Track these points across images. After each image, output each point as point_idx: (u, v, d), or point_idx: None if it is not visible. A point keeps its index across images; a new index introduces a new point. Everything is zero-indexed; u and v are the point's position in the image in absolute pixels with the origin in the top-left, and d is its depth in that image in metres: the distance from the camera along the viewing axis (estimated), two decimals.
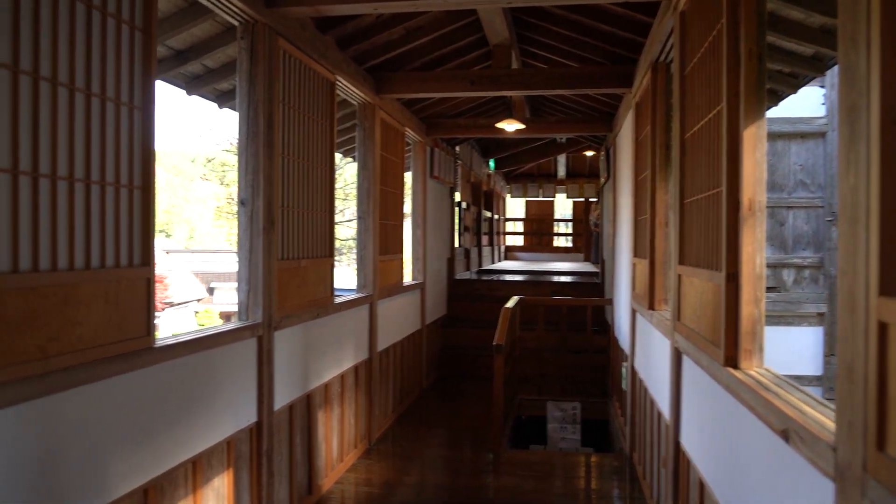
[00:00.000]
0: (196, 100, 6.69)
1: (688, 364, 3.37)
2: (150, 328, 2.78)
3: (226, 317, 32.28)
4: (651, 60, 4.55)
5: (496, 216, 16.22)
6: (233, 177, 25.63)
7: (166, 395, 2.97)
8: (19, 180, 2.15)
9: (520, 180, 17.67)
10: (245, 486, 3.73)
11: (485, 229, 14.40)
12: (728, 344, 2.56)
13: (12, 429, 2.15)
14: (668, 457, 3.79)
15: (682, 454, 3.50)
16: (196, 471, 3.23)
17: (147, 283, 2.77)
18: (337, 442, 5.24)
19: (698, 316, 3.06)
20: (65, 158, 2.35)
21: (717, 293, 2.71)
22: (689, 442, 3.36)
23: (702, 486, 3.01)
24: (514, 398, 7.88)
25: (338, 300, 5.14)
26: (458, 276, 10.53)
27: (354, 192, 20.48)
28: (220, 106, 5.25)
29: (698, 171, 3.11)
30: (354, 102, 5.94)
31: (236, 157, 3.89)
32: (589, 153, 12.96)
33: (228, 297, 34.21)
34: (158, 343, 2.87)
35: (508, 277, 11.30)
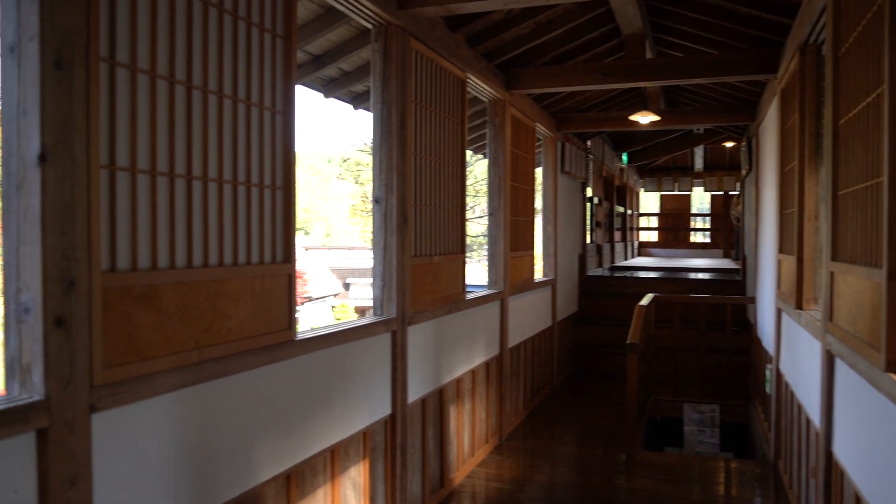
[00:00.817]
0: (332, 102, 6.93)
1: (841, 368, 3.13)
2: (291, 322, 2.91)
3: (360, 311, 33.37)
4: (799, 43, 4.27)
5: (629, 211, 15.80)
6: (367, 176, 26.45)
7: (306, 386, 3.10)
8: (175, 182, 2.31)
9: (654, 174, 17.12)
10: (380, 476, 3.83)
11: (617, 225, 14.07)
12: (890, 348, 2.36)
13: (172, 412, 2.31)
14: (817, 467, 3.54)
15: (834, 464, 3.26)
16: (334, 459, 3.35)
17: (289, 279, 2.90)
18: (468, 437, 5.28)
19: (854, 317, 2.84)
20: (214, 161, 2.50)
21: (876, 292, 2.50)
22: (842, 452, 3.13)
23: (858, 500, 2.79)
24: (648, 398, 7.64)
25: (469, 296, 5.17)
26: (589, 273, 10.35)
27: (484, 188, 20.58)
28: (356, 107, 5.42)
29: (854, 161, 2.88)
30: (484, 99, 5.96)
31: (370, 157, 3.99)
32: (728, 144, 12.36)
33: (363, 293, 35.31)
34: (299, 336, 3.00)
35: (642, 274, 10.98)
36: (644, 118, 7.58)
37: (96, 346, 2.00)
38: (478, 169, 26.48)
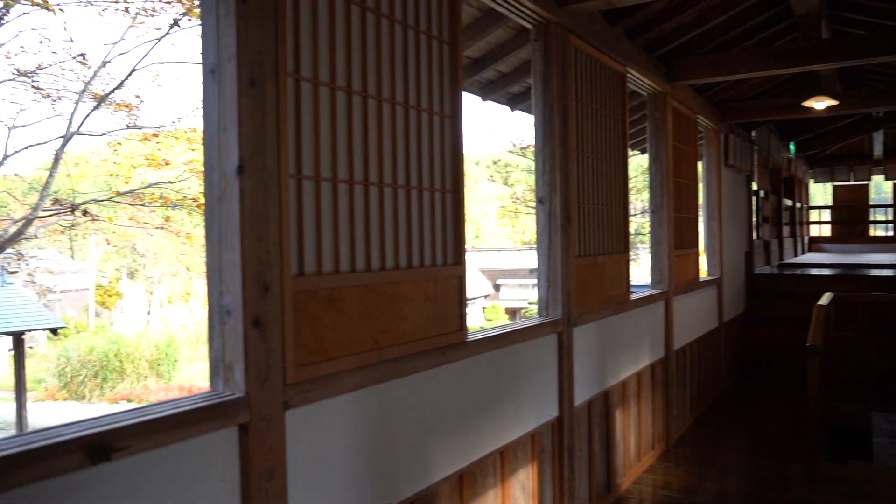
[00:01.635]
0: (487, 104, 6.96)
1: None
2: (462, 323, 2.94)
3: (511, 312, 33.44)
4: None
5: (798, 205, 14.76)
6: (517, 177, 26.52)
7: (476, 387, 3.12)
8: (354, 189, 2.39)
9: (825, 163, 15.88)
10: (548, 479, 3.79)
11: (785, 219, 13.17)
12: None
13: (354, 411, 2.40)
14: None
15: None
16: (503, 461, 3.35)
17: (459, 281, 2.94)
18: (634, 441, 5.12)
19: None
20: (388, 167, 2.57)
21: None
22: None
23: None
24: (829, 406, 7.08)
25: (633, 296, 5.02)
26: (757, 271, 9.76)
27: (638, 185, 19.95)
28: (513, 108, 5.41)
29: None
30: (643, 93, 5.76)
31: (520, 158, 3.96)
32: None
33: (513, 294, 35.34)
34: (470, 337, 3.02)
35: (814, 272, 10.20)
36: (819, 103, 7.03)
37: (288, 346, 2.11)
38: (631, 165, 25.70)
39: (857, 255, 14.83)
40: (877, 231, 17.11)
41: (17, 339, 14.91)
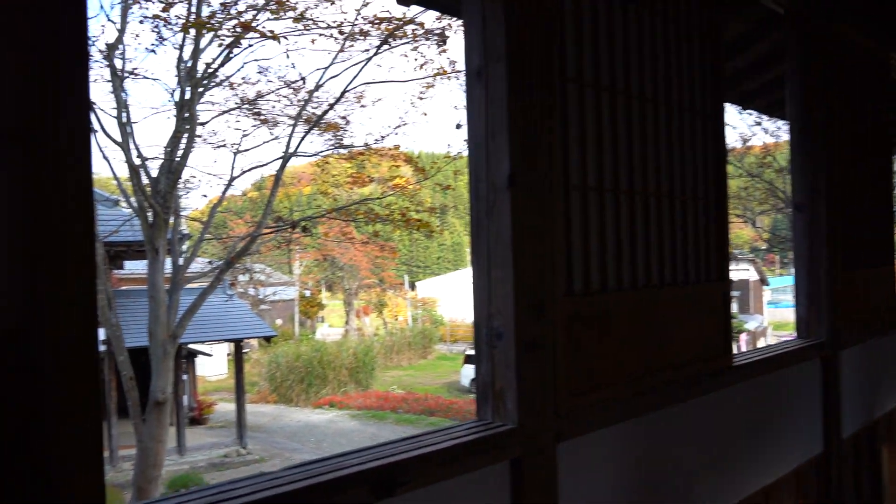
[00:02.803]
0: None
1: None
2: (727, 345, 2.61)
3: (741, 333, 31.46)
4: None
5: None
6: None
7: (740, 418, 2.76)
8: (620, 198, 2.16)
9: None
10: None
11: None
12: None
13: (620, 444, 2.15)
14: None
15: None
16: (768, 502, 2.95)
17: (723, 298, 2.60)
18: None
19: None
20: (652, 173, 2.31)
21: None
22: None
23: None
24: None
25: None
26: None
27: None
28: (744, 108, 4.93)
29: None
30: None
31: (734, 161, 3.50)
32: None
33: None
34: (735, 362, 2.67)
35: None
36: None
37: (560, 372, 1.91)
38: None
39: None
40: None
41: (237, 346, 16.22)
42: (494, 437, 1.75)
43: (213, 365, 26.68)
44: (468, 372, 22.72)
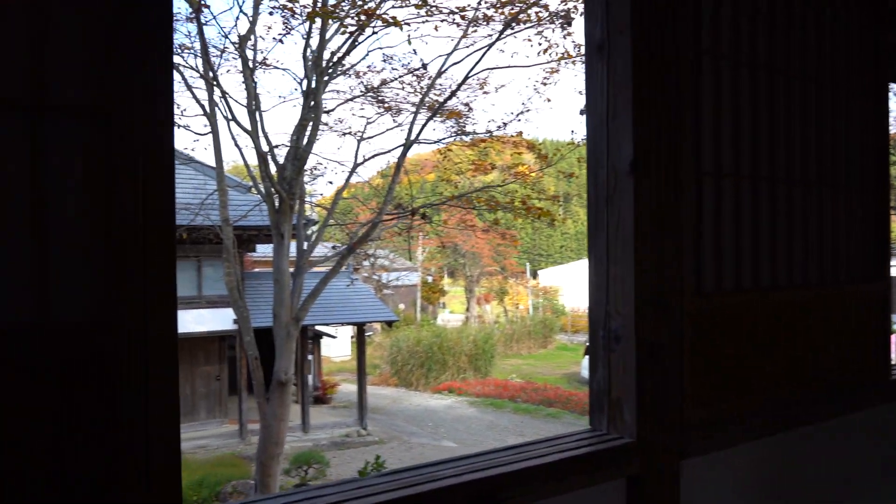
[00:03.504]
0: None
1: None
2: (885, 356, 2.28)
3: None
4: None
5: None
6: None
7: (891, 442, 2.42)
8: (759, 186, 1.91)
9: None
10: None
11: None
12: None
13: (754, 465, 1.92)
14: None
15: None
16: None
17: (881, 301, 2.28)
18: None
19: None
20: (798, 158, 2.04)
21: None
22: None
23: None
24: None
25: None
26: None
27: None
28: None
29: None
30: None
31: None
32: None
33: None
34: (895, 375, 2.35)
35: None
36: None
37: (687, 380, 1.70)
38: None
39: None
40: None
41: (360, 329, 16.62)
42: (610, 451, 1.58)
43: (337, 346, 27.63)
44: (588, 363, 22.25)
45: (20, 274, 0.96)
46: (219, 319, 14.08)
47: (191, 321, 13.95)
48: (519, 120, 10.98)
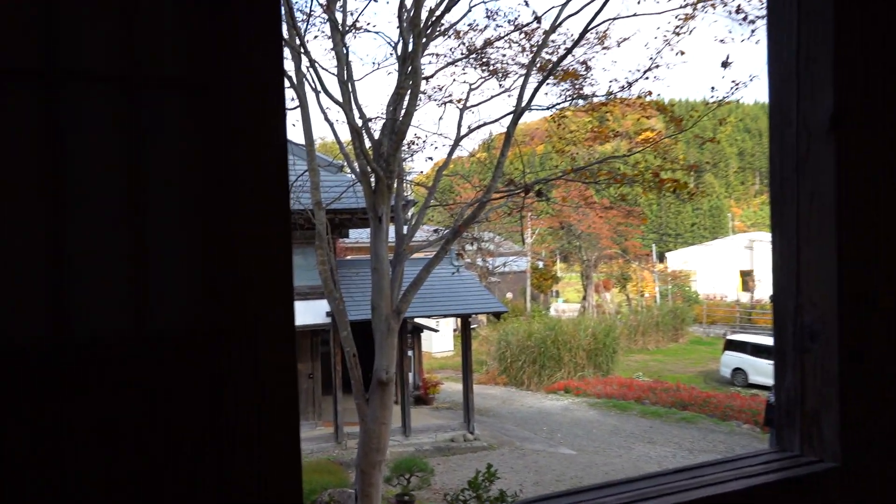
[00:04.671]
0: None
1: None
2: None
3: None
4: None
5: None
6: None
7: None
8: None
9: None
10: None
11: None
12: None
13: None
14: None
15: None
16: None
17: None
18: None
19: None
20: None
21: None
22: None
23: None
24: None
25: None
26: None
27: None
28: None
29: None
30: None
31: None
32: None
33: None
34: None
35: None
36: None
37: None
38: None
39: None
40: None
41: (465, 322, 16.67)
42: (808, 478, 1.43)
43: (439, 341, 27.92)
44: (729, 360, 21.59)
45: (115, 272, 0.92)
46: (311, 312, 14.35)
47: None
48: (646, 78, 10.63)
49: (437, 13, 8.50)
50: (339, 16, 8.49)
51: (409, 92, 8.20)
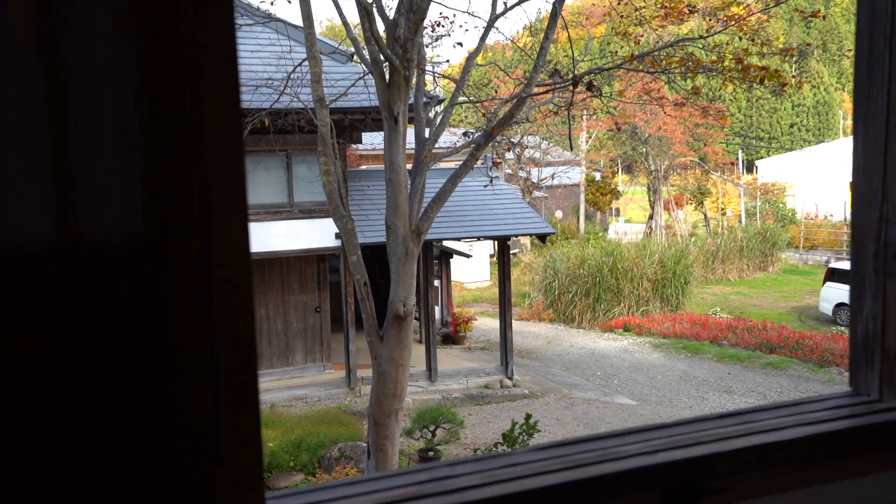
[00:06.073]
0: None
1: None
2: None
3: None
4: None
5: None
6: None
7: None
8: None
9: None
10: None
11: None
12: None
13: None
14: None
15: None
16: None
17: None
18: None
19: None
20: None
21: None
22: None
23: None
24: None
25: None
26: None
27: None
28: None
29: None
30: None
31: None
32: None
33: None
34: None
35: None
36: None
37: None
38: None
39: None
40: None
41: (503, 245, 16.73)
42: (885, 427, 1.45)
43: (472, 269, 28.13)
44: (831, 293, 21.48)
45: (32, 173, 0.93)
46: (316, 233, 14.39)
47: (280, 235, 14.28)
48: None
49: None
50: None
51: None
